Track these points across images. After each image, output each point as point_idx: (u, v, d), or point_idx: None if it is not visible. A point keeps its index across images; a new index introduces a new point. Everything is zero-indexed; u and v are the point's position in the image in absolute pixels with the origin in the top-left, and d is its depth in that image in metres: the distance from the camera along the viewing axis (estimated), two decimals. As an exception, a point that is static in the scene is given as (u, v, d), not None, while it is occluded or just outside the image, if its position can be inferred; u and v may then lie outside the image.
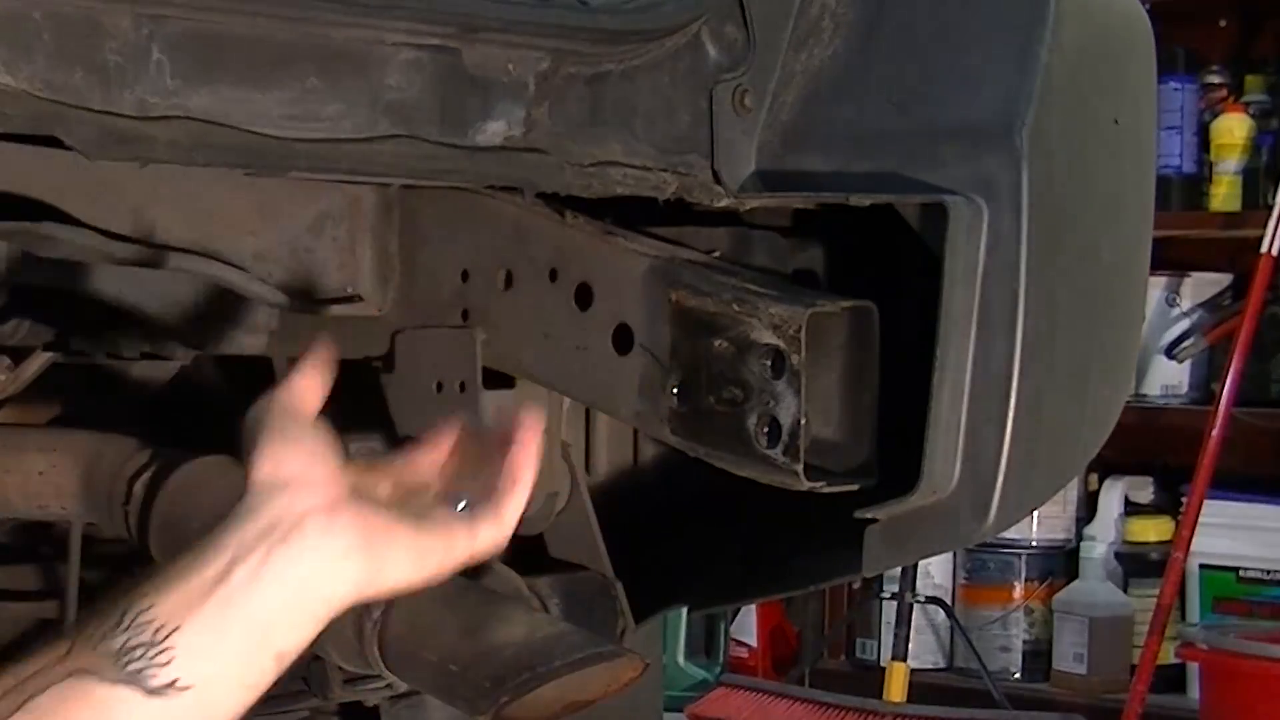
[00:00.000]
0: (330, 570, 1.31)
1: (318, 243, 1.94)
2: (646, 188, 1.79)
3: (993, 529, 1.73)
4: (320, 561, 1.30)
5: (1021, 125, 1.70)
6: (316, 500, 1.31)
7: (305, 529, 1.30)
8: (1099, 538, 4.78)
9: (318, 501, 1.31)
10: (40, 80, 1.49)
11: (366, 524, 1.32)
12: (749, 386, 1.70)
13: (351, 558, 1.31)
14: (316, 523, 1.30)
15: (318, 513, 1.31)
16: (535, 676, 1.66)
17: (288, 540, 1.30)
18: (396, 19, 1.65)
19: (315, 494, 1.32)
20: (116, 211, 1.83)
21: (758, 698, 4.21)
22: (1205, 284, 4.76)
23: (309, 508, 1.31)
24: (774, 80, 1.84)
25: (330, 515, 1.31)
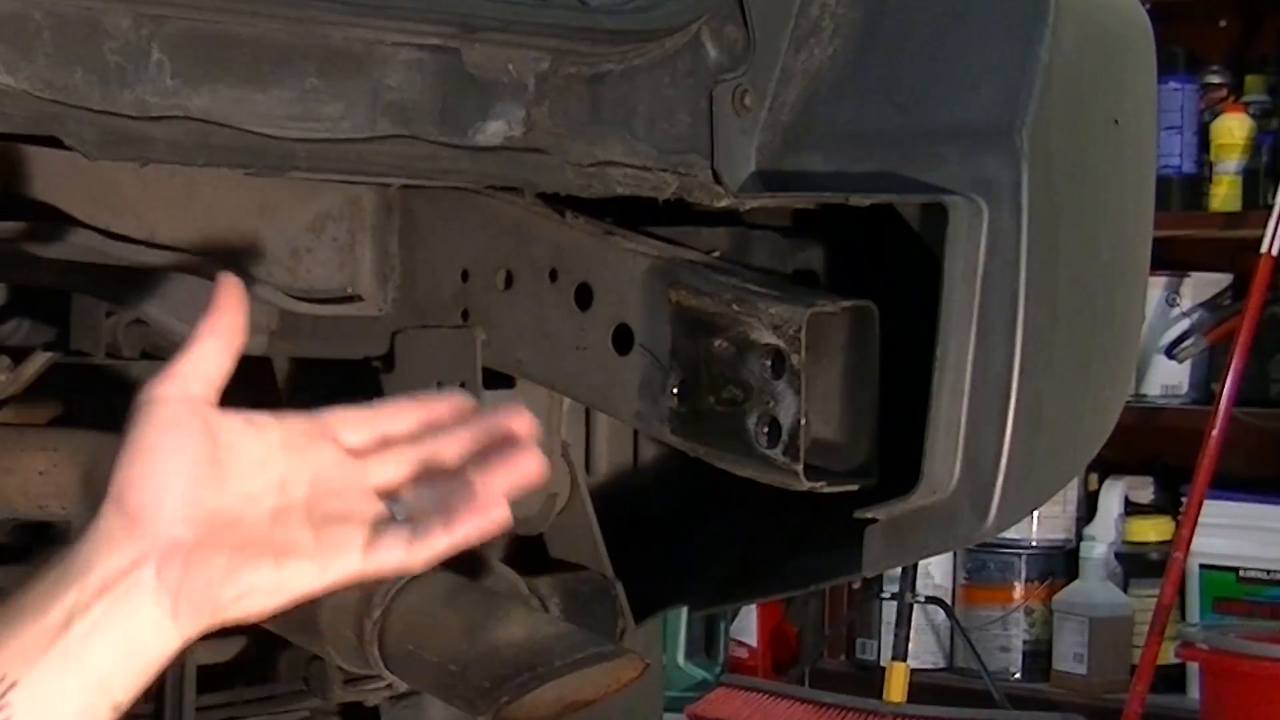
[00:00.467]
0: (161, 629, 1.25)
1: (318, 243, 1.94)
2: (646, 188, 1.79)
3: (993, 529, 1.73)
4: (150, 622, 1.25)
5: (1021, 125, 1.70)
6: (155, 546, 1.25)
7: (139, 587, 1.24)
8: (1099, 538, 4.78)
9: (156, 548, 1.25)
10: (40, 80, 1.49)
11: (206, 570, 1.25)
12: (749, 386, 1.70)
13: (183, 616, 1.25)
14: (148, 581, 1.24)
15: (150, 568, 1.24)
16: (535, 676, 1.66)
17: (126, 597, 1.25)
18: (396, 19, 1.65)
19: (155, 537, 1.25)
20: (116, 211, 1.83)
21: (758, 698, 4.21)
22: (1205, 284, 4.76)
23: (143, 557, 1.25)
24: (774, 80, 1.84)
25: (163, 571, 1.24)
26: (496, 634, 1.69)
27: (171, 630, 1.25)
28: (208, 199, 1.87)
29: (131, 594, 1.25)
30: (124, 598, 1.25)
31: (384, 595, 1.75)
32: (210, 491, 1.26)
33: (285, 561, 1.27)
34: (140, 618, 1.25)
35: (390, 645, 1.76)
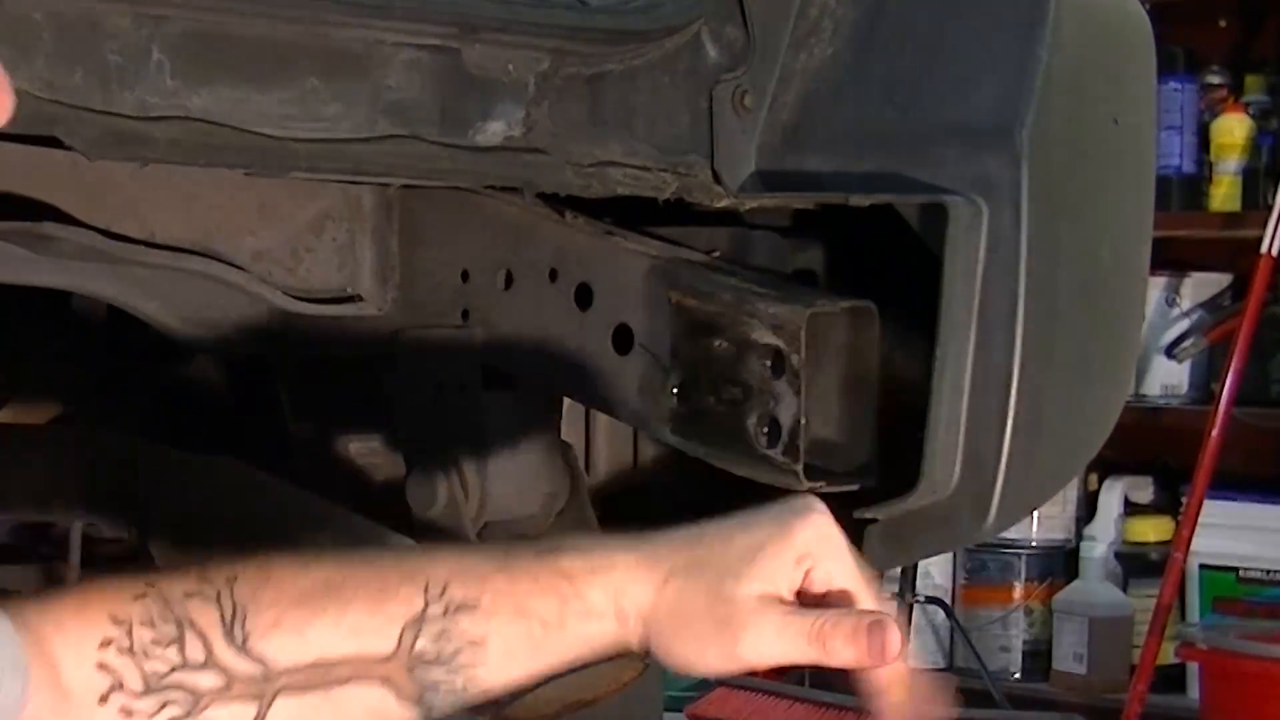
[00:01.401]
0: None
1: (318, 243, 1.94)
2: (646, 188, 1.79)
3: (993, 529, 1.73)
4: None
5: (1021, 125, 1.70)
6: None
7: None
8: (1099, 538, 4.78)
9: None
10: (40, 80, 1.49)
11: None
12: (749, 386, 1.70)
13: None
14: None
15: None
16: (535, 676, 1.65)
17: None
18: (396, 19, 1.65)
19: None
20: (116, 211, 1.83)
21: (758, 698, 4.21)
22: (1205, 284, 4.76)
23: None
24: (774, 80, 1.84)
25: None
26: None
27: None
28: (208, 199, 1.87)
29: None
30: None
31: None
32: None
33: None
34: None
35: (390, 645, 1.75)
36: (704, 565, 1.30)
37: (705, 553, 1.30)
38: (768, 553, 1.29)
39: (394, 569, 1.29)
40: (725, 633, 1.27)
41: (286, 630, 1.26)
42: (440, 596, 1.28)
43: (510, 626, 1.28)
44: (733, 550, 1.30)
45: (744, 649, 1.27)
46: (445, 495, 1.89)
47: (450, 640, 1.27)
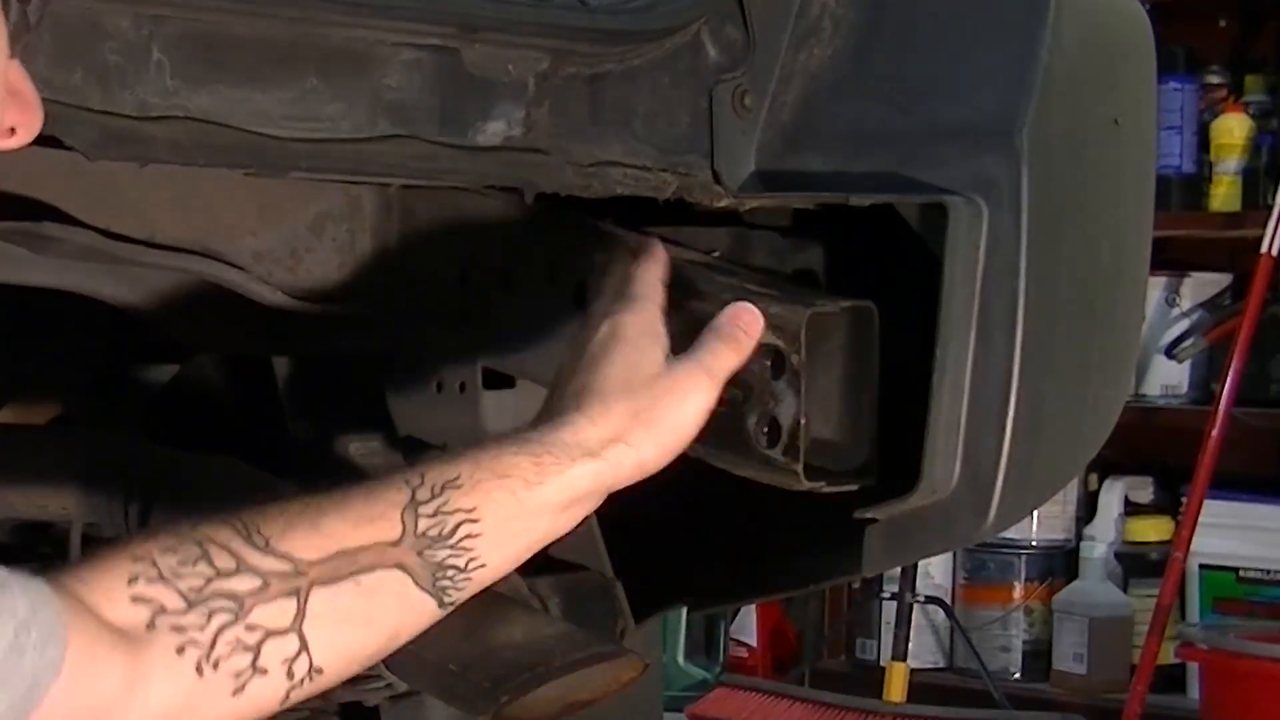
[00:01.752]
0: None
1: (318, 243, 1.94)
2: (646, 188, 1.79)
3: (992, 529, 1.73)
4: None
5: (1021, 125, 1.70)
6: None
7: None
8: (1099, 538, 4.78)
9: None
10: (40, 80, 1.49)
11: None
12: (749, 386, 1.70)
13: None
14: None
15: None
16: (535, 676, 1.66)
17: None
18: (396, 19, 1.65)
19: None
20: (116, 211, 1.83)
21: (758, 698, 4.21)
22: (1205, 284, 4.76)
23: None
24: (774, 80, 1.84)
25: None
26: (496, 634, 1.69)
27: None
28: (208, 199, 1.87)
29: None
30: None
31: (384, 595, 1.75)
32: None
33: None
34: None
35: (390, 645, 1.75)
36: (618, 377, 1.49)
37: (612, 368, 1.49)
38: (645, 332, 1.53)
39: (368, 483, 1.39)
40: (671, 405, 1.50)
41: (302, 528, 1.33)
42: (423, 482, 1.37)
43: (496, 492, 1.38)
44: (626, 351, 1.51)
45: (696, 406, 1.52)
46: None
47: (448, 518, 1.36)
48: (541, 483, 1.41)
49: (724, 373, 1.53)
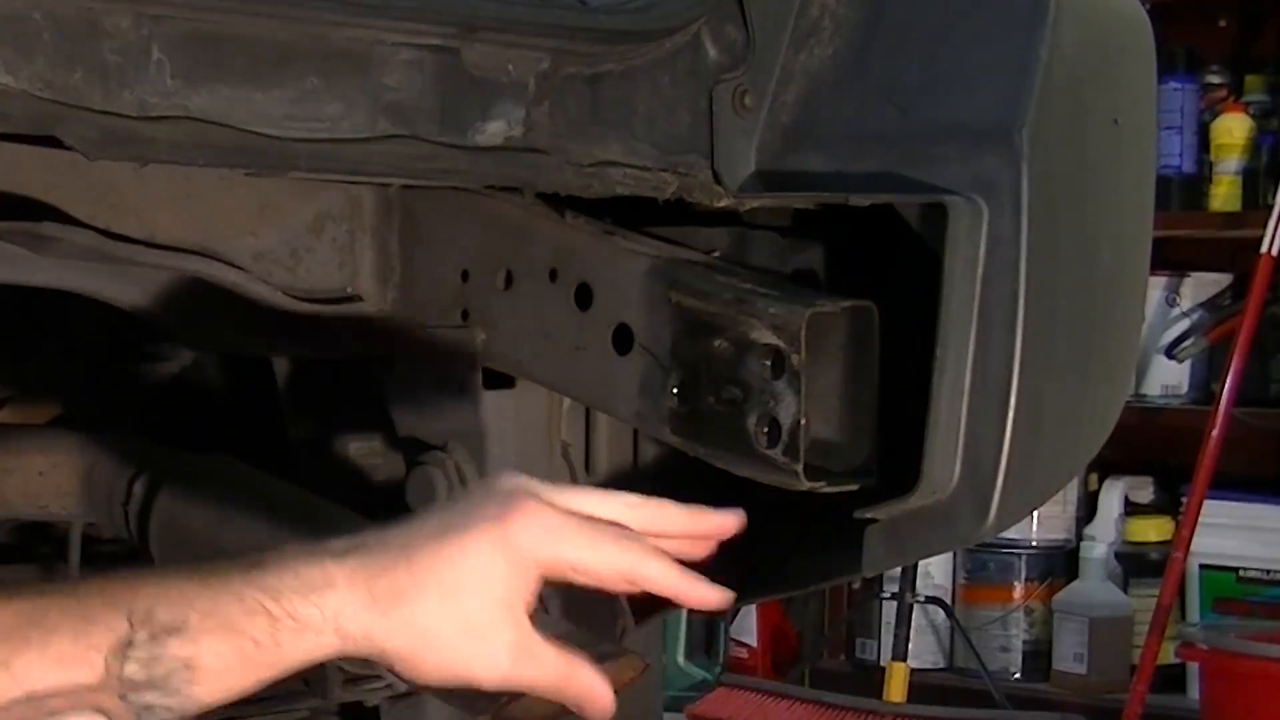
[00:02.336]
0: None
1: (318, 243, 1.94)
2: (646, 188, 1.79)
3: (993, 529, 1.73)
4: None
5: (1021, 125, 1.69)
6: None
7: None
8: (1099, 538, 4.77)
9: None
10: (40, 80, 1.49)
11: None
12: (749, 386, 1.70)
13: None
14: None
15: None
16: (535, 676, 1.65)
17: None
18: (396, 19, 1.65)
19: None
20: (116, 211, 1.83)
21: (758, 698, 4.21)
22: (1205, 284, 4.76)
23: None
24: (774, 80, 1.84)
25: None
26: (496, 634, 1.69)
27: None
28: (208, 199, 1.87)
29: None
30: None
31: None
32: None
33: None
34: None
35: (390, 645, 1.75)
36: (428, 583, 1.31)
37: (426, 569, 1.31)
38: (493, 568, 1.31)
39: (97, 596, 1.28)
40: (472, 653, 1.32)
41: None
42: (145, 620, 1.26)
43: (221, 646, 1.27)
44: (455, 566, 1.31)
45: (490, 672, 1.33)
46: (445, 495, 1.89)
47: (160, 664, 1.26)
48: (277, 646, 1.28)
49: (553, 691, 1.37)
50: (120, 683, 1.26)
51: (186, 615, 1.26)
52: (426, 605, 1.30)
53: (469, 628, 1.31)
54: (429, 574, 1.30)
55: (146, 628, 1.26)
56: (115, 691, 1.26)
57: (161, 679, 1.26)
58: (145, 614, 1.26)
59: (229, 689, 1.28)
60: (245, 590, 1.28)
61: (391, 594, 1.30)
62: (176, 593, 1.27)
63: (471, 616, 1.31)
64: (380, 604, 1.29)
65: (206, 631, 1.26)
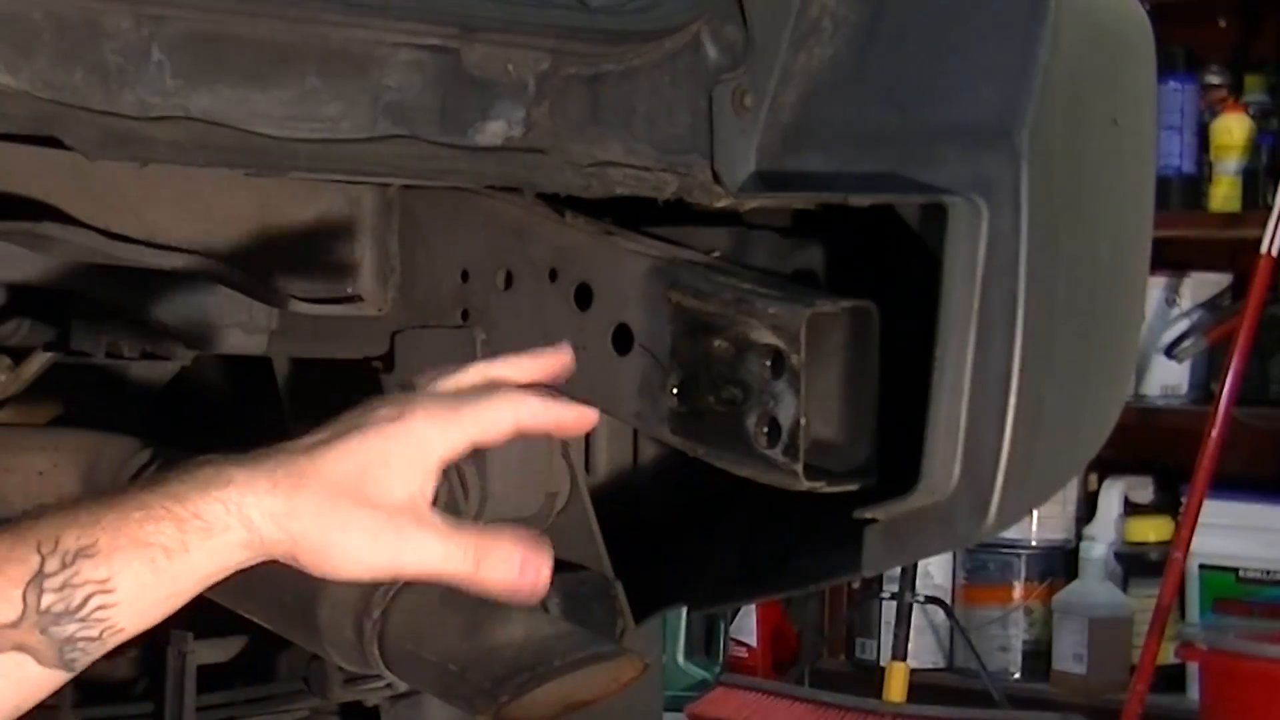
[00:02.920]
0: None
1: (318, 242, 1.94)
2: (646, 188, 1.79)
3: (992, 529, 1.73)
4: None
5: (1021, 125, 1.70)
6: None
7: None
8: (1099, 538, 4.78)
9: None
10: (40, 80, 1.49)
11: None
12: (749, 386, 1.70)
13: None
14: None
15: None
16: (535, 676, 1.66)
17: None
18: (396, 19, 1.65)
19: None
20: (116, 211, 1.83)
21: (758, 698, 4.21)
22: (1205, 284, 4.76)
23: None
24: (774, 80, 1.84)
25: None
26: (496, 634, 1.69)
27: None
28: (208, 199, 1.87)
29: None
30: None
31: (383, 595, 1.75)
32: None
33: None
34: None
35: (390, 645, 1.76)
36: (332, 473, 1.31)
37: (327, 461, 1.32)
38: (396, 460, 1.33)
39: (5, 535, 1.27)
40: (384, 538, 1.31)
41: None
42: (55, 549, 1.26)
43: (134, 561, 1.26)
44: (356, 458, 1.32)
45: (405, 556, 1.32)
46: (445, 495, 1.88)
47: (76, 590, 1.26)
48: (186, 552, 1.28)
49: (467, 569, 1.35)
50: (40, 616, 1.25)
51: (95, 536, 1.26)
52: (331, 492, 1.31)
53: (377, 518, 1.31)
54: (331, 465, 1.31)
55: (58, 555, 1.25)
56: (35, 626, 1.25)
57: (79, 606, 1.25)
58: (54, 541, 1.26)
59: (147, 611, 1.28)
60: (148, 499, 1.28)
61: (293, 481, 1.30)
62: (85, 515, 1.27)
63: (379, 506, 1.31)
64: (282, 490, 1.30)
65: (117, 549, 1.26)
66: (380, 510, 1.31)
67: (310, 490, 1.30)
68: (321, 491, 1.30)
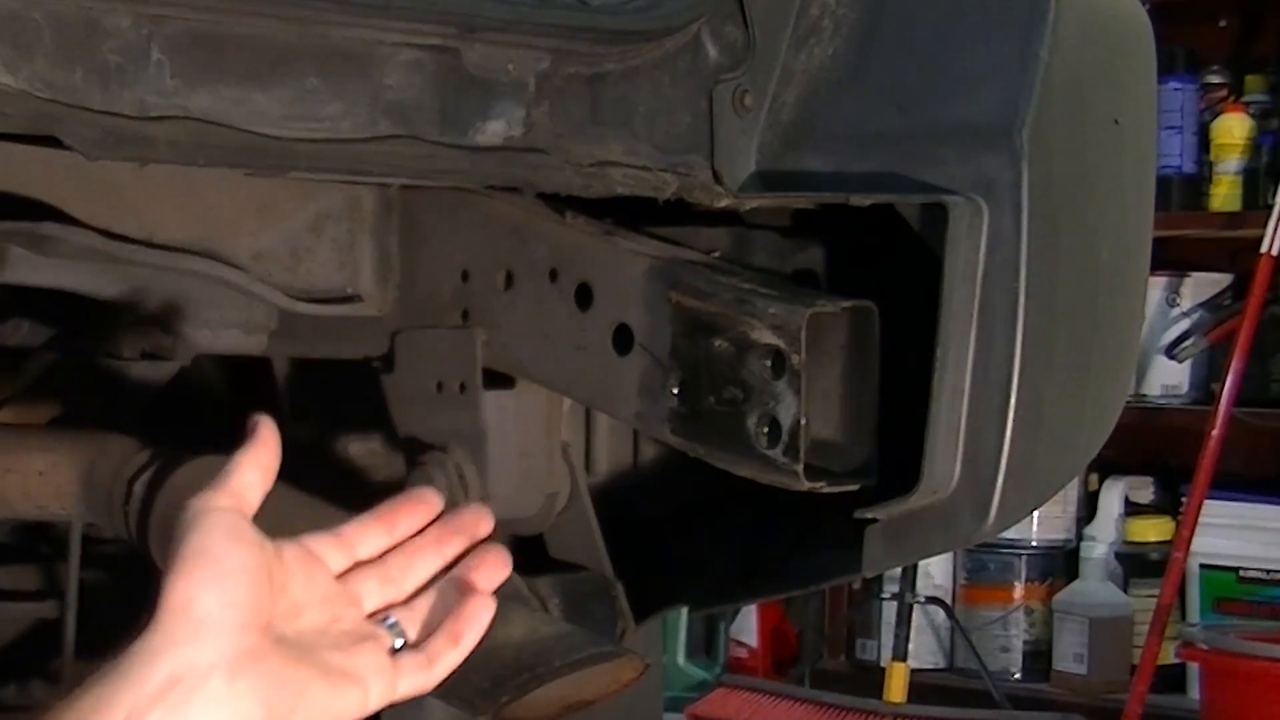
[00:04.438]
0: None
1: (318, 243, 1.94)
2: (646, 188, 1.79)
3: (993, 529, 1.73)
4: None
5: (1021, 125, 1.70)
6: (224, 653, 1.22)
7: (207, 691, 1.21)
8: (1099, 538, 4.78)
9: (225, 655, 1.22)
10: (40, 80, 1.49)
11: (273, 682, 1.23)
12: (749, 386, 1.70)
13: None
14: (218, 686, 1.21)
15: (221, 672, 1.21)
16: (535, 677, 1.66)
17: (189, 702, 1.21)
18: (396, 19, 1.65)
19: (224, 643, 1.22)
20: (116, 211, 1.83)
21: (758, 698, 4.21)
22: (1205, 284, 4.76)
23: (214, 662, 1.21)
24: (774, 80, 1.84)
25: (233, 677, 1.22)
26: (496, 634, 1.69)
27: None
28: (208, 199, 1.87)
29: (196, 700, 1.21)
30: (186, 703, 1.21)
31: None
32: (268, 604, 1.25)
33: (335, 683, 1.26)
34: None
35: (390, 645, 1.76)
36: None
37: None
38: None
39: None
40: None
41: None
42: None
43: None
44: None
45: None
46: (445, 495, 1.89)
47: None
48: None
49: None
50: None
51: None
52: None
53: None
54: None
55: None
56: None
57: None
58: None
59: None
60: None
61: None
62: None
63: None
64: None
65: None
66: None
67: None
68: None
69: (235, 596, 1.23)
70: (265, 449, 1.32)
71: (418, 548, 1.34)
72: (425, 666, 1.30)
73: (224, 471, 1.29)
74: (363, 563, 1.33)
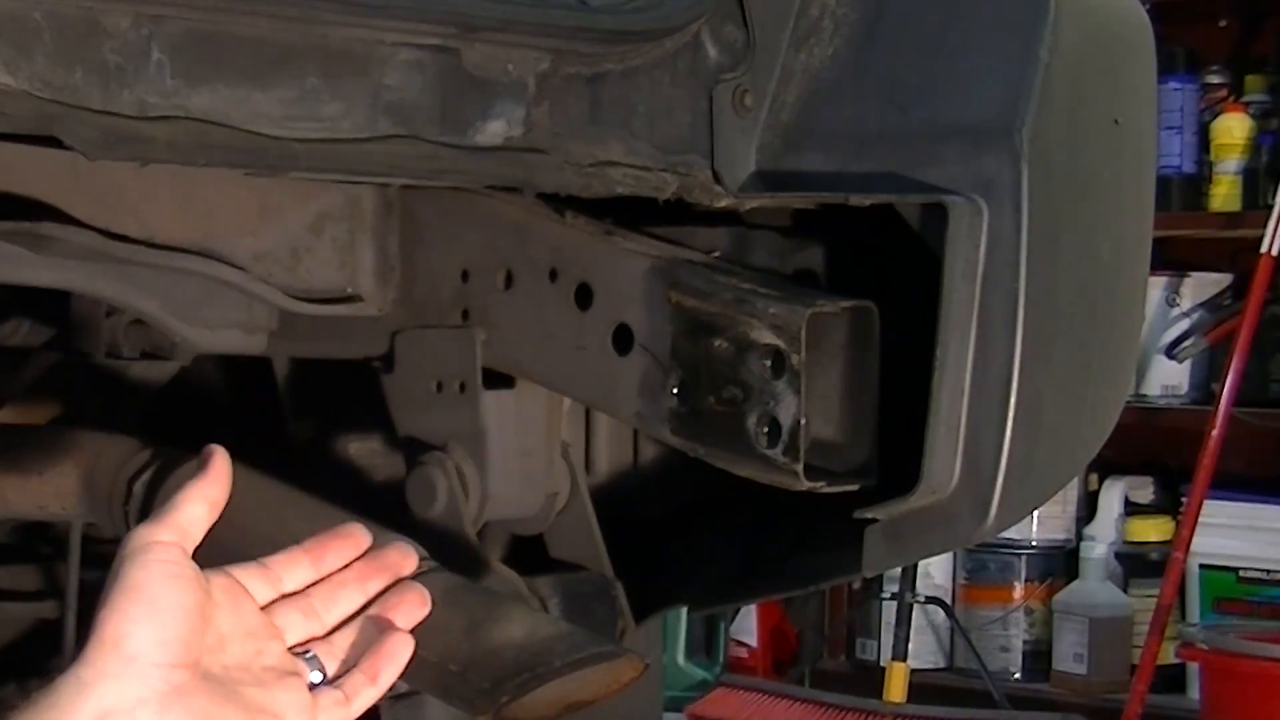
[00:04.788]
0: None
1: (318, 243, 1.94)
2: (646, 188, 1.79)
3: (993, 529, 1.73)
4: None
5: (1021, 125, 1.70)
6: (154, 689, 1.22)
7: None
8: (1099, 538, 4.78)
9: (154, 691, 1.22)
10: (40, 80, 1.49)
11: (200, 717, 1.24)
12: (749, 386, 1.70)
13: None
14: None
15: (150, 708, 1.22)
16: (535, 676, 1.66)
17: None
18: (396, 19, 1.65)
19: (154, 680, 1.22)
20: (116, 211, 1.82)
21: (758, 698, 4.21)
22: (1205, 284, 4.76)
23: (144, 698, 1.22)
24: (774, 80, 1.84)
25: (161, 713, 1.22)
26: (496, 634, 1.69)
27: None
28: (208, 199, 1.87)
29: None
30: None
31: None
32: (199, 642, 1.25)
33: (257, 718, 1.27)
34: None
35: (390, 645, 1.75)
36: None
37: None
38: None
39: None
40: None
41: None
42: None
43: None
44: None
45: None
46: (445, 495, 1.89)
47: None
48: None
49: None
50: None
51: None
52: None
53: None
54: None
55: None
56: None
57: None
58: None
59: None
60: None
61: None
62: None
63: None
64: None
65: None
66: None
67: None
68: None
69: (168, 634, 1.24)
70: (214, 483, 1.31)
71: (341, 583, 1.34)
72: (343, 704, 1.31)
73: (169, 504, 1.29)
74: (287, 595, 1.33)
